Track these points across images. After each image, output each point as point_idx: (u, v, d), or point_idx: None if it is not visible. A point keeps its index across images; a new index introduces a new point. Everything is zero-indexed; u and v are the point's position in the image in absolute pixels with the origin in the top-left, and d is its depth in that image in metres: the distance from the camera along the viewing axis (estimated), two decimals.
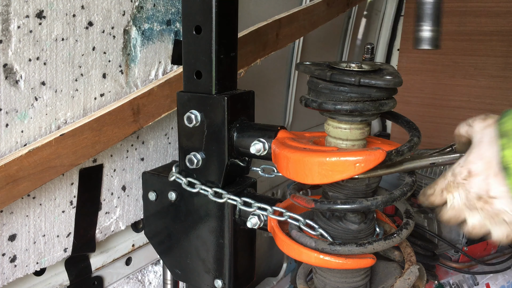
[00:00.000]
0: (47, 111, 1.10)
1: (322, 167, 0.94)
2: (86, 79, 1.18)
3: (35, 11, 1.02)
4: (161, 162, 1.51)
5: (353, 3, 2.27)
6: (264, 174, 1.27)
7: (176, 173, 1.26)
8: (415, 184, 1.03)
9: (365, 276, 1.11)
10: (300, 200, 1.02)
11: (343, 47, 2.85)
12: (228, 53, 1.18)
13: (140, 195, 1.43)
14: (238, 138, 1.18)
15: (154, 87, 1.28)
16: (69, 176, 1.21)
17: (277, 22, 1.63)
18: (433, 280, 2.34)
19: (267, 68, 2.11)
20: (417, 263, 1.12)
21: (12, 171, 1.00)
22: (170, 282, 1.54)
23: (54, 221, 1.20)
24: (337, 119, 1.00)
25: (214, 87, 1.16)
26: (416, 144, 0.98)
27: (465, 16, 2.95)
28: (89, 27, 1.15)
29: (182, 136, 1.24)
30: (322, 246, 1.00)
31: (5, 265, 1.11)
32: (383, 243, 1.00)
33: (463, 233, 2.49)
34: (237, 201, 1.18)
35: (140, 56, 1.31)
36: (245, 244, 1.31)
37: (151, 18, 1.31)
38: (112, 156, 1.32)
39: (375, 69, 0.98)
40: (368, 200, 0.96)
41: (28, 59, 1.03)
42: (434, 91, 3.14)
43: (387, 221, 1.20)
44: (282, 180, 2.33)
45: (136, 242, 1.49)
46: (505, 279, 2.48)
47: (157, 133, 1.46)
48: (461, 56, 3.01)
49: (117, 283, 1.47)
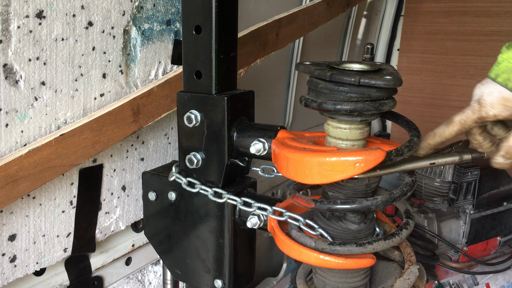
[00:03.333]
0: (47, 111, 1.10)
1: (322, 167, 0.94)
2: (86, 79, 1.18)
3: (35, 11, 1.02)
4: (161, 162, 1.51)
5: (353, 3, 2.27)
6: (264, 174, 1.27)
7: (176, 173, 1.26)
8: (415, 184, 1.03)
9: (365, 276, 1.11)
10: (300, 200, 1.02)
11: (343, 47, 2.85)
12: (228, 53, 1.18)
13: (140, 195, 1.43)
14: (238, 138, 1.18)
15: (154, 87, 1.28)
16: (69, 176, 1.21)
17: (277, 22, 1.63)
18: (433, 280, 2.34)
19: (267, 68, 2.11)
20: (417, 263, 1.12)
21: (12, 171, 1.00)
22: (170, 282, 1.54)
23: (54, 221, 1.20)
24: (337, 119, 1.00)
25: (214, 87, 1.16)
26: (416, 144, 0.98)
27: (465, 16, 2.95)
28: (89, 27, 1.15)
29: (182, 136, 1.24)
30: (322, 246, 1.00)
31: (5, 265, 1.11)
32: (383, 243, 1.00)
33: (463, 232, 2.49)
34: (237, 201, 1.18)
35: (140, 56, 1.31)
36: (245, 244, 1.31)
37: (151, 18, 1.31)
38: (112, 156, 1.32)
39: (375, 69, 0.98)
40: (368, 200, 0.96)
41: (28, 59, 1.03)
42: (434, 91, 3.14)
43: (387, 221, 1.20)
44: (282, 180, 2.33)
45: (136, 242, 1.49)
46: (505, 279, 2.48)
47: (157, 133, 1.46)
48: (461, 56, 3.01)
49: (117, 283, 1.47)
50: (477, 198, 2.46)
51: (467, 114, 0.94)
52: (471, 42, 2.97)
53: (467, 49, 2.99)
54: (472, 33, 2.96)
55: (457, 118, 0.96)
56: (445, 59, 3.07)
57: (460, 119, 0.95)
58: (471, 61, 2.99)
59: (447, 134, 0.98)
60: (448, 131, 0.97)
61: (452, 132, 0.97)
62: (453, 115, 0.97)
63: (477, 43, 2.95)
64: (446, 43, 3.05)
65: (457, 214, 2.51)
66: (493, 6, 2.86)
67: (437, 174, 2.49)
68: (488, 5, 2.88)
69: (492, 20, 2.87)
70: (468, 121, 0.94)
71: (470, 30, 2.96)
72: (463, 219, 2.49)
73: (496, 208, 2.55)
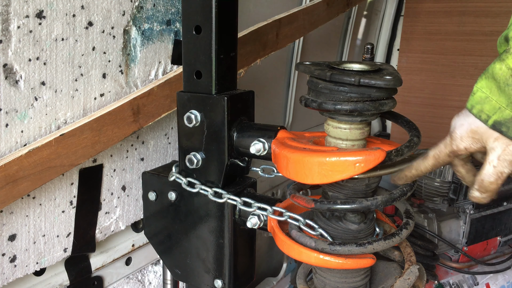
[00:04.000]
0: (47, 111, 1.10)
1: (322, 167, 0.94)
2: (86, 79, 1.18)
3: (35, 11, 1.02)
4: (161, 162, 1.51)
5: (353, 3, 2.27)
6: (264, 174, 1.27)
7: (176, 173, 1.26)
8: (415, 184, 1.03)
9: (365, 276, 1.11)
10: (300, 200, 1.02)
11: (343, 47, 2.85)
12: (228, 53, 1.18)
13: (140, 195, 1.43)
14: (238, 138, 1.18)
15: (154, 87, 1.28)
16: (69, 176, 1.21)
17: (277, 22, 1.63)
18: (433, 280, 2.34)
19: (267, 68, 2.11)
20: (417, 263, 1.12)
21: (12, 171, 1.00)
22: (170, 282, 1.54)
23: (54, 221, 1.20)
24: (337, 119, 1.00)
25: (214, 87, 1.16)
26: (416, 144, 0.98)
27: (465, 16, 2.95)
28: (89, 27, 1.15)
29: (182, 136, 1.24)
30: (322, 246, 1.00)
31: (5, 265, 1.11)
32: (383, 243, 1.00)
33: (463, 232, 2.49)
34: (237, 201, 1.18)
35: (140, 56, 1.31)
36: (245, 244, 1.31)
37: (151, 18, 1.31)
38: (112, 156, 1.32)
39: (375, 69, 0.98)
40: (368, 200, 0.96)
41: (28, 59, 1.03)
42: (434, 91, 3.14)
43: (387, 221, 1.20)
44: (282, 180, 2.33)
45: (136, 242, 1.49)
46: (505, 279, 2.48)
47: (157, 133, 1.46)
48: (461, 56, 3.01)
49: (117, 283, 1.47)
50: None
51: (440, 148, 0.91)
52: (471, 42, 2.97)
53: (467, 49, 2.99)
54: (472, 33, 2.96)
55: (431, 153, 0.93)
56: (445, 59, 3.07)
57: (434, 154, 0.93)
58: (471, 61, 2.99)
59: (423, 169, 0.95)
60: (424, 166, 0.95)
61: (427, 166, 0.94)
62: (429, 149, 0.95)
63: (477, 43, 2.95)
64: (446, 43, 3.05)
65: (457, 214, 2.51)
66: (493, 6, 2.87)
67: (437, 174, 2.50)
68: (488, 5, 2.88)
69: (492, 20, 2.87)
70: (441, 155, 0.92)
71: (470, 30, 2.96)
72: (463, 219, 2.49)
73: (496, 208, 2.55)
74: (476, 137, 0.86)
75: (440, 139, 0.93)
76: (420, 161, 0.96)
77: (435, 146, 0.93)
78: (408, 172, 0.97)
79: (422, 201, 2.51)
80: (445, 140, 0.91)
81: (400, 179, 0.99)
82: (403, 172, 0.98)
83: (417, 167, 0.96)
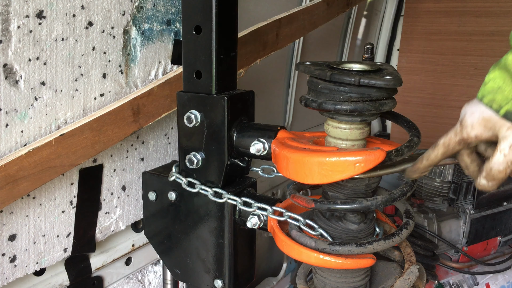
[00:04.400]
0: (47, 111, 1.10)
1: (322, 167, 0.94)
2: (86, 79, 1.18)
3: (35, 11, 1.02)
4: (161, 162, 1.51)
5: (353, 3, 2.27)
6: (264, 174, 1.27)
7: (176, 173, 1.26)
8: (415, 184, 1.03)
9: (365, 276, 1.11)
10: (300, 200, 1.02)
11: (343, 47, 2.85)
12: (228, 53, 1.18)
13: (140, 195, 1.43)
14: (238, 138, 1.18)
15: (154, 87, 1.28)
16: (69, 176, 1.21)
17: (277, 22, 1.63)
18: (433, 280, 2.34)
19: (267, 68, 2.11)
20: (417, 263, 1.12)
21: (12, 171, 1.00)
22: (170, 282, 1.54)
23: (54, 221, 1.20)
24: (337, 119, 1.00)
25: (214, 87, 1.16)
26: (416, 144, 0.98)
27: (465, 16, 2.95)
28: (89, 27, 1.15)
29: (182, 136, 1.24)
30: (322, 246, 1.00)
31: (5, 265, 1.11)
32: (383, 243, 1.00)
33: (463, 232, 2.49)
34: (237, 201, 1.18)
35: (140, 56, 1.31)
36: (245, 244, 1.31)
37: (151, 18, 1.31)
38: (112, 156, 1.32)
39: (375, 69, 0.98)
40: (368, 200, 0.96)
41: (28, 59, 1.03)
42: (434, 91, 3.14)
43: (387, 221, 1.20)
44: (282, 180, 2.33)
45: (136, 242, 1.49)
46: (505, 279, 2.48)
47: (157, 133, 1.46)
48: (461, 56, 3.01)
49: (117, 283, 1.47)
50: (477, 198, 2.46)
51: (450, 136, 0.92)
52: (471, 42, 2.97)
53: (467, 49, 2.99)
54: (472, 33, 2.96)
55: (441, 141, 0.94)
56: (445, 59, 3.07)
57: (443, 142, 0.93)
58: (471, 61, 2.99)
59: (433, 157, 0.95)
60: (434, 155, 0.95)
61: (438, 155, 0.94)
62: (440, 137, 0.96)
63: (477, 43, 2.95)
64: (446, 43, 3.05)
65: (457, 214, 2.51)
66: (493, 6, 2.87)
67: (437, 174, 2.50)
68: (488, 5, 2.88)
69: (492, 20, 2.87)
70: (451, 143, 0.92)
71: (470, 30, 2.96)
72: (463, 219, 2.49)
73: (496, 208, 2.55)
74: (488, 126, 0.87)
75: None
76: (430, 151, 0.96)
77: (445, 135, 0.94)
78: (419, 163, 0.98)
79: (422, 201, 2.51)
80: (455, 128, 0.92)
81: (415, 172, 1.00)
82: (416, 165, 0.99)
83: (428, 157, 0.97)
